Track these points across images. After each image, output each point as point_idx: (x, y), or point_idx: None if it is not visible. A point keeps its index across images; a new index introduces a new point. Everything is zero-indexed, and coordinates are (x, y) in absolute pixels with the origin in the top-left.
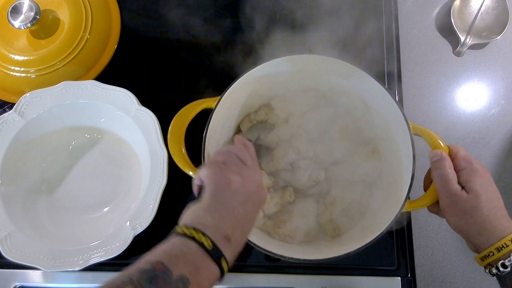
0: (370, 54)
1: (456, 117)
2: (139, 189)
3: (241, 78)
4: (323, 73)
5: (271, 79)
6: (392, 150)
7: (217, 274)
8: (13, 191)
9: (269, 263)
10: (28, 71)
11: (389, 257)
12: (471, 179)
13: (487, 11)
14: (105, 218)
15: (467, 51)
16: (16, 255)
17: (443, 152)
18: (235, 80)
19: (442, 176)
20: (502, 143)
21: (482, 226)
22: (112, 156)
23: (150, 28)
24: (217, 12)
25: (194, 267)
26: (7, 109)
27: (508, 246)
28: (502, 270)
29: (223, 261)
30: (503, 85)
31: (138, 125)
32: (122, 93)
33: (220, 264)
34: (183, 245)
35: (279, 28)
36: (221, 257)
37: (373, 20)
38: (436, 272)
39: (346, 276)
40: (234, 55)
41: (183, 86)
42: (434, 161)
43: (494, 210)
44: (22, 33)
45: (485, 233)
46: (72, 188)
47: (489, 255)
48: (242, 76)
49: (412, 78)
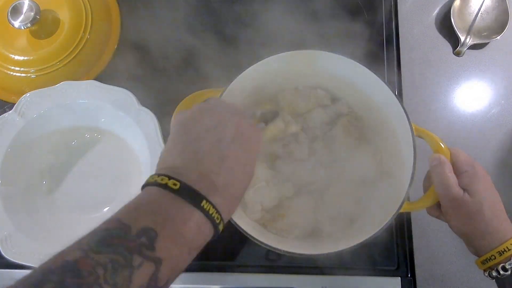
0: (370, 54)
1: (456, 117)
2: (139, 189)
3: (246, 71)
4: (329, 71)
5: (276, 74)
6: (394, 151)
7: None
8: (13, 191)
9: (269, 263)
10: (28, 71)
11: (389, 257)
12: (473, 182)
13: (487, 11)
14: (105, 218)
15: (467, 51)
16: (16, 255)
17: (441, 156)
18: (241, 73)
19: (443, 181)
20: (502, 143)
21: (485, 230)
22: (112, 156)
23: (150, 28)
24: (218, 11)
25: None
26: (7, 109)
27: (510, 249)
28: (503, 273)
29: (206, 203)
30: (503, 85)
31: (138, 125)
32: (122, 93)
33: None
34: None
35: (280, 27)
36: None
37: (373, 20)
38: (436, 272)
39: (346, 276)
40: (235, 54)
41: (183, 86)
42: (434, 166)
43: (497, 214)
44: (22, 33)
45: (487, 237)
46: (72, 188)
47: (491, 258)
48: (247, 70)
49: (412, 78)
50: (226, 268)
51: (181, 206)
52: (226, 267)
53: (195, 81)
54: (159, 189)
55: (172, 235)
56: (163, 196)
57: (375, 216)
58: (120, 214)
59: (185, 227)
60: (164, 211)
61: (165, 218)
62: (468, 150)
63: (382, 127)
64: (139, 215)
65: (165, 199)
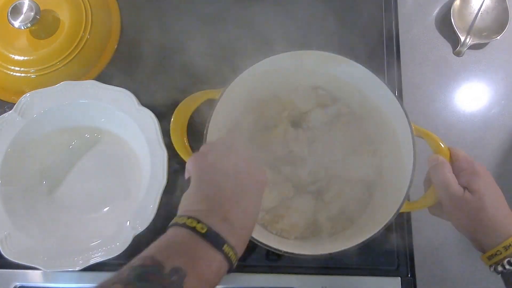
0: (370, 54)
1: (456, 117)
2: (139, 189)
3: (245, 71)
4: (329, 71)
5: (276, 74)
6: (394, 151)
7: (222, 262)
8: (13, 191)
9: (269, 263)
10: (28, 71)
11: (389, 257)
12: (473, 179)
13: (487, 11)
14: (105, 218)
15: (467, 51)
16: (16, 255)
17: (440, 156)
18: (240, 73)
19: (442, 181)
20: (502, 143)
21: (489, 226)
22: (112, 156)
23: (150, 28)
24: (218, 11)
25: (190, 256)
26: (7, 109)
27: None
28: (508, 267)
29: (226, 247)
30: (503, 85)
31: (138, 125)
32: (122, 93)
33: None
34: (175, 235)
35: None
36: (222, 242)
37: (373, 20)
38: (436, 272)
39: (346, 276)
40: (236, 54)
41: (183, 86)
42: (433, 167)
43: (500, 209)
44: (22, 33)
45: (491, 233)
46: (72, 188)
47: (496, 253)
48: (247, 70)
49: (412, 78)
50: None
51: (207, 249)
52: None
53: (195, 81)
54: (188, 231)
55: (198, 275)
56: (191, 238)
57: (375, 216)
58: (154, 252)
59: (209, 268)
60: (192, 253)
61: (193, 259)
62: (468, 150)
63: (382, 127)
64: (170, 254)
65: (193, 241)
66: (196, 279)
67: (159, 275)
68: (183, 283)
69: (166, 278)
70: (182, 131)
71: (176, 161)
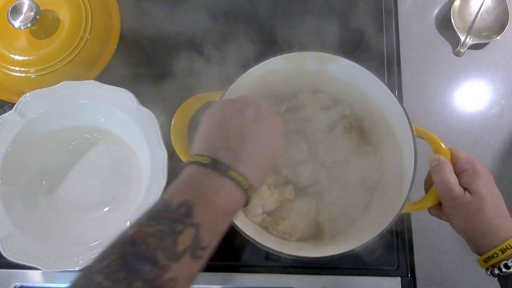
0: (370, 54)
1: (456, 117)
2: (139, 189)
3: (245, 74)
4: (330, 72)
5: (276, 76)
6: (394, 152)
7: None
8: (13, 191)
9: (269, 263)
10: (28, 71)
11: (389, 257)
12: (474, 180)
13: (487, 11)
14: (105, 218)
15: (467, 51)
16: (16, 255)
17: (441, 156)
18: (240, 75)
19: (443, 181)
20: (502, 143)
21: (487, 228)
22: (112, 156)
23: (150, 28)
24: (219, 10)
25: (195, 188)
26: (7, 109)
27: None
28: (505, 270)
29: (233, 172)
30: (503, 85)
31: (138, 125)
32: (122, 93)
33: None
34: (183, 174)
35: (280, 26)
36: (228, 169)
37: (373, 20)
38: (436, 272)
39: (346, 276)
40: (237, 54)
41: (183, 86)
42: (434, 166)
43: (498, 212)
44: (22, 33)
45: (489, 235)
46: (72, 188)
47: (493, 256)
48: (247, 72)
49: (412, 78)
50: (227, 268)
51: (212, 177)
52: (227, 267)
53: (195, 81)
54: (193, 166)
55: (206, 203)
56: (197, 171)
57: (377, 218)
58: (164, 194)
59: (217, 195)
60: (198, 184)
61: (199, 190)
62: (468, 150)
63: (383, 128)
64: (178, 191)
65: (199, 174)
66: (206, 207)
67: (168, 211)
68: (192, 213)
69: (174, 212)
70: (182, 134)
71: (176, 161)
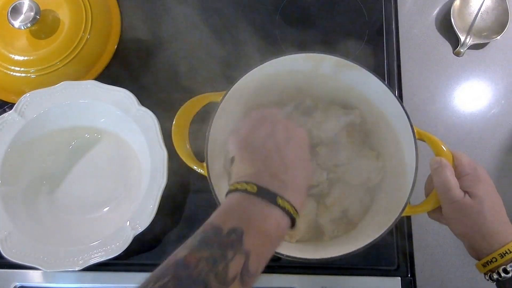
0: (370, 54)
1: (456, 117)
2: (139, 189)
3: (247, 74)
4: (330, 74)
5: (277, 76)
6: (395, 154)
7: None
8: (13, 191)
9: (269, 263)
10: (28, 71)
11: (389, 257)
12: (475, 184)
13: (487, 11)
14: (105, 218)
15: (467, 51)
16: (16, 255)
17: (443, 159)
18: (242, 75)
19: (444, 183)
20: (502, 143)
21: (486, 232)
22: (112, 156)
23: (150, 28)
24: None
25: (245, 216)
26: (7, 109)
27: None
28: (504, 275)
29: (280, 199)
30: (503, 85)
31: (138, 125)
32: (122, 93)
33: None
34: (230, 200)
35: (280, 27)
36: (275, 196)
37: (373, 20)
38: (436, 272)
39: (346, 276)
40: (237, 54)
41: (183, 86)
42: (435, 169)
43: (498, 216)
44: (22, 33)
45: (488, 239)
46: (72, 188)
47: (492, 261)
48: (248, 73)
49: (412, 78)
50: None
51: (261, 206)
52: None
53: (195, 81)
54: (241, 194)
55: (256, 231)
56: (245, 199)
57: (377, 220)
58: (212, 219)
59: (266, 223)
60: (247, 212)
61: (249, 218)
62: (468, 150)
63: (384, 130)
64: (227, 218)
65: (247, 202)
66: (255, 235)
67: (219, 237)
68: (242, 240)
69: (225, 238)
70: (183, 134)
71: (176, 161)
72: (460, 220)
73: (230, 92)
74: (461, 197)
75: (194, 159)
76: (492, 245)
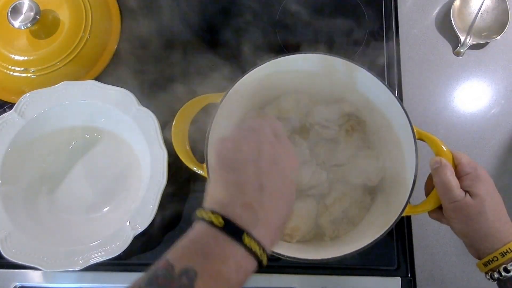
0: (370, 54)
1: (456, 117)
2: (139, 189)
3: (247, 75)
4: (331, 74)
5: (277, 77)
6: (396, 154)
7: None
8: (13, 191)
9: (269, 263)
10: (28, 71)
11: (389, 257)
12: (475, 184)
13: (487, 11)
14: (105, 218)
15: (467, 51)
16: (16, 255)
17: (443, 159)
18: (242, 76)
19: (444, 183)
20: (502, 143)
21: (487, 232)
22: (112, 156)
23: (150, 28)
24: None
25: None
26: (7, 109)
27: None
28: (505, 274)
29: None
30: (503, 85)
31: (138, 125)
32: (122, 93)
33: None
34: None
35: (281, 27)
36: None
37: (373, 20)
38: (436, 272)
39: (346, 276)
40: (237, 54)
41: (184, 86)
42: (435, 169)
43: (499, 216)
44: (22, 33)
45: (490, 239)
46: (72, 188)
47: (493, 260)
48: (248, 73)
49: (412, 78)
50: None
51: (224, 243)
52: None
53: (195, 81)
54: (206, 225)
55: (211, 273)
56: (208, 233)
57: (377, 220)
58: (169, 253)
59: (225, 264)
60: (206, 249)
61: (206, 257)
62: (468, 150)
63: (384, 130)
64: (183, 254)
65: (209, 237)
66: (209, 278)
67: (169, 278)
68: (194, 284)
69: (175, 281)
70: (183, 135)
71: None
72: (460, 220)
73: (230, 93)
74: (462, 197)
75: (194, 160)
76: (493, 244)
